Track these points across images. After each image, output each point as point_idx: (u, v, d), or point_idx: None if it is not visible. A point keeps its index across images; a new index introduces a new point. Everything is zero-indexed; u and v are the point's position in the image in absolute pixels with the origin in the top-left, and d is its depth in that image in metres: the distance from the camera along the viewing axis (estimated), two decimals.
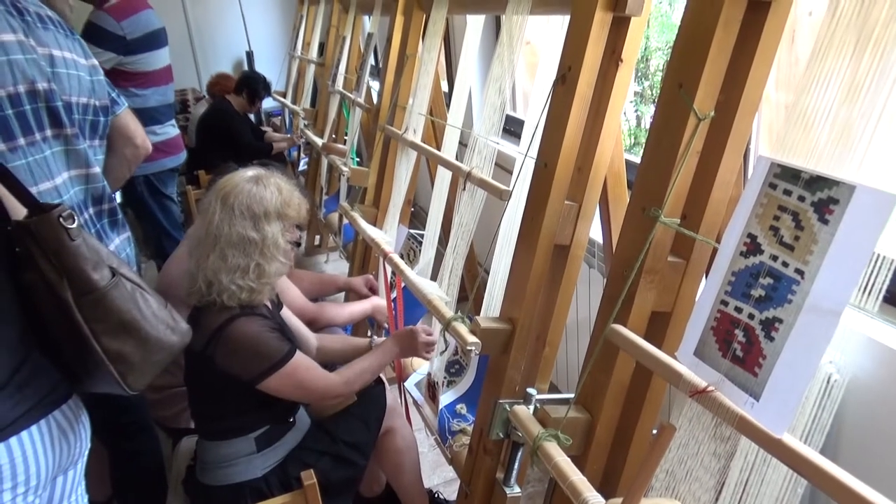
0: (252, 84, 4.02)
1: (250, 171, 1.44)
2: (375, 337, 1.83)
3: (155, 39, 2.75)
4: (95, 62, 1.48)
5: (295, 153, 4.31)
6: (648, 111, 2.47)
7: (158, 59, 2.81)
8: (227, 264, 1.35)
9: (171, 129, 2.99)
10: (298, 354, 1.41)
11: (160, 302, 1.08)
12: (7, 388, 0.94)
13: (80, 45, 1.43)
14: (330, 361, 1.95)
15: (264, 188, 1.40)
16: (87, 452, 1.13)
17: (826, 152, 0.73)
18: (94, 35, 2.51)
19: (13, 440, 0.94)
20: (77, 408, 1.09)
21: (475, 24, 1.78)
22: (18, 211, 0.98)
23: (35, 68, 1.25)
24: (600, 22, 1.17)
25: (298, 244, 1.53)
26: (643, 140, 2.48)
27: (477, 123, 1.54)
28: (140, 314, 1.02)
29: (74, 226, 0.95)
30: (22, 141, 1.24)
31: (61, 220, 0.94)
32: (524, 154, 1.39)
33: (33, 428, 0.97)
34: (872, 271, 0.66)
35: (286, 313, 1.67)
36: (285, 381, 1.39)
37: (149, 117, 2.77)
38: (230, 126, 3.91)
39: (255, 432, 1.46)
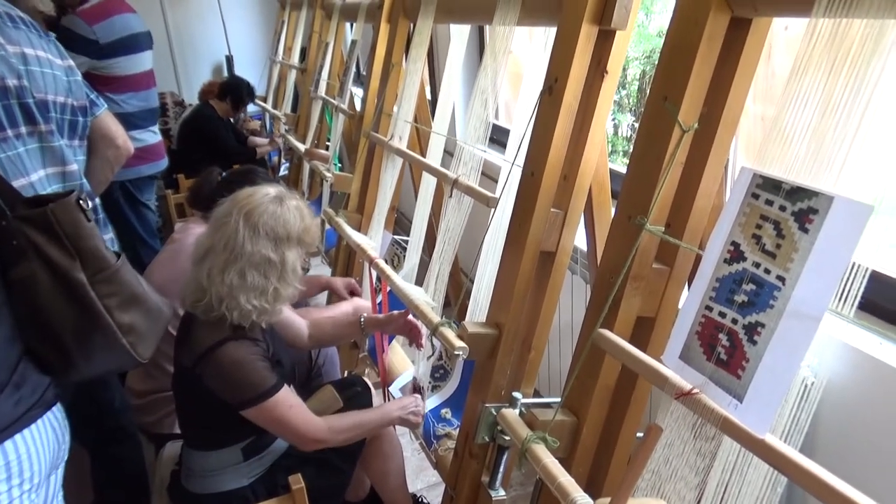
0: (236, 90, 4.00)
1: (272, 190, 1.40)
2: (365, 313, 1.81)
3: (133, 43, 2.71)
4: (71, 63, 1.47)
5: (276, 158, 4.29)
6: (626, 119, 2.51)
7: (136, 64, 2.77)
8: (245, 283, 1.31)
9: (150, 136, 2.92)
10: (283, 391, 1.37)
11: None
12: (7, 387, 0.97)
13: (54, 46, 1.43)
14: (323, 346, 1.95)
15: (287, 210, 1.38)
16: (66, 458, 1.15)
17: (805, 167, 0.76)
18: (67, 39, 2.46)
19: (18, 437, 0.98)
20: (60, 410, 1.12)
21: (460, 35, 1.81)
22: None
23: (4, 65, 1.24)
24: (586, 35, 1.20)
25: (307, 269, 1.50)
26: (620, 148, 2.53)
27: (462, 133, 1.56)
28: (141, 287, 1.13)
29: (90, 207, 1.02)
30: None
31: (80, 202, 1.00)
32: (511, 162, 1.41)
33: (33, 426, 1.01)
34: (849, 279, 0.69)
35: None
36: (264, 415, 1.35)
37: (127, 122, 2.72)
38: (214, 131, 3.88)
39: (241, 443, 1.45)
